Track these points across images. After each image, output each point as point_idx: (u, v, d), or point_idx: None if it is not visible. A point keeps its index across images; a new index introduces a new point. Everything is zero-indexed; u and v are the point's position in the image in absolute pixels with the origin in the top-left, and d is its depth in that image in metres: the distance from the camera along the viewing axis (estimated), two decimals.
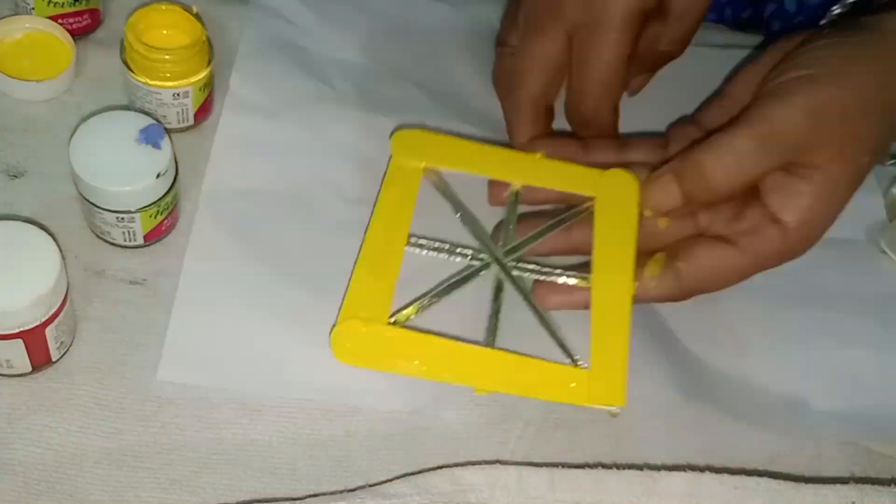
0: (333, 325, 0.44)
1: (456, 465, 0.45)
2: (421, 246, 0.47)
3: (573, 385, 0.44)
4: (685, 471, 0.45)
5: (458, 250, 0.47)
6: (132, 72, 0.50)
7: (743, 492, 0.45)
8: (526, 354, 0.45)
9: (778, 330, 0.52)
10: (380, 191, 0.48)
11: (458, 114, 0.57)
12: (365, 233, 0.47)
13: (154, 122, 0.46)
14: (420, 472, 0.44)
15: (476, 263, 0.47)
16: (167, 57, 0.49)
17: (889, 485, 0.46)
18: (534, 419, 0.47)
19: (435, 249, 0.47)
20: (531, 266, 0.48)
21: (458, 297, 0.47)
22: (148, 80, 0.50)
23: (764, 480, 0.45)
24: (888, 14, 0.46)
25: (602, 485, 0.44)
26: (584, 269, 0.48)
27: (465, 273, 0.47)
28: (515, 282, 0.47)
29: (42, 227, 0.42)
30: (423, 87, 0.58)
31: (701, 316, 0.52)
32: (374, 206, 0.47)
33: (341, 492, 0.44)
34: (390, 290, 0.45)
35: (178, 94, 0.51)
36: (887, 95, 0.45)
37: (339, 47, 0.58)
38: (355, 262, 0.46)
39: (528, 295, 0.47)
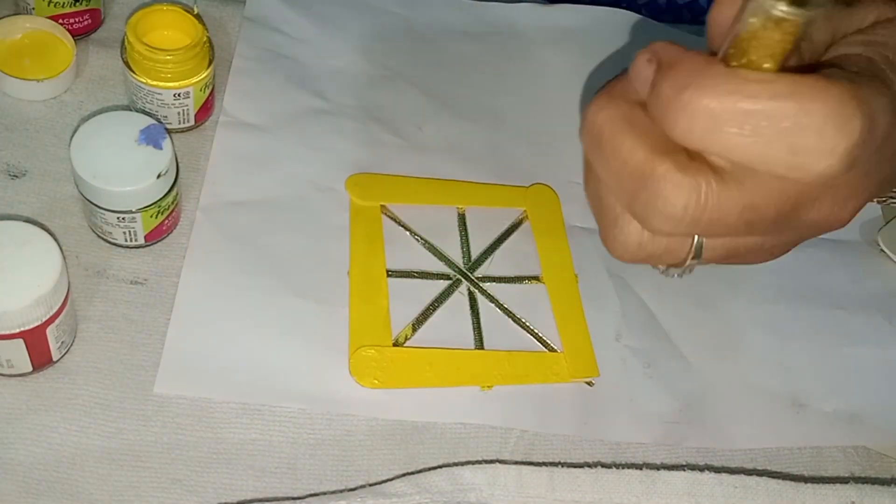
0: (349, 358, 0.48)
1: (456, 464, 0.45)
2: (398, 275, 0.51)
3: (555, 368, 0.49)
4: (685, 470, 0.45)
5: (430, 274, 0.52)
6: (133, 72, 0.50)
7: (743, 491, 0.45)
8: (511, 350, 0.50)
9: (778, 329, 0.53)
10: (350, 231, 0.52)
11: (455, 114, 0.58)
12: (348, 272, 0.50)
13: (155, 122, 0.47)
14: (420, 471, 0.44)
15: (447, 282, 0.52)
16: (168, 57, 0.49)
17: (889, 485, 0.46)
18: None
19: (411, 277, 0.51)
20: (494, 276, 0.53)
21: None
22: (149, 81, 0.50)
23: (764, 480, 0.45)
24: None
25: (602, 484, 0.44)
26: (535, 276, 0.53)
27: (443, 291, 0.51)
28: (485, 292, 0.52)
29: (43, 227, 0.42)
30: (420, 87, 0.58)
31: (701, 317, 0.52)
32: (349, 245, 0.51)
33: (341, 491, 0.44)
34: (386, 316, 0.49)
35: (178, 95, 0.51)
36: None
37: (334, 54, 0.58)
38: (349, 301, 0.49)
39: (498, 301, 0.51)
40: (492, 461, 0.45)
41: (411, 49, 0.60)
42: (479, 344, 0.50)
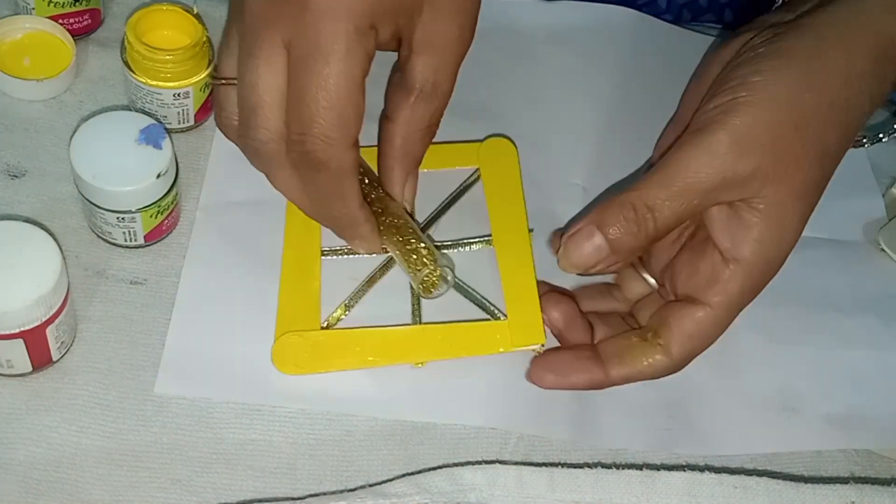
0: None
1: (456, 464, 0.45)
2: (333, 253, 0.49)
3: (498, 336, 0.47)
4: (684, 470, 0.45)
5: None
6: (133, 72, 0.50)
7: (743, 491, 0.45)
8: (452, 322, 0.48)
9: (773, 332, 0.52)
10: (286, 212, 0.50)
11: (453, 112, 0.57)
12: (281, 255, 0.49)
13: (154, 122, 0.46)
14: (420, 471, 0.44)
15: (386, 255, 0.50)
16: (168, 57, 0.49)
17: (889, 485, 0.46)
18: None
19: (347, 253, 0.50)
20: (438, 243, 0.51)
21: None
22: (148, 81, 0.50)
23: (764, 480, 0.45)
24: (827, 7, 0.44)
25: (601, 485, 0.44)
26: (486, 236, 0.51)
27: (381, 266, 0.50)
28: None
29: (43, 227, 0.42)
30: None
31: None
32: (284, 227, 0.50)
33: (341, 491, 0.44)
34: (316, 299, 0.48)
35: (178, 95, 0.51)
36: (824, 97, 0.43)
37: None
38: (280, 283, 0.48)
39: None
40: (492, 462, 0.45)
41: None
42: (418, 319, 0.48)
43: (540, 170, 0.55)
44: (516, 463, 0.45)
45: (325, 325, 0.48)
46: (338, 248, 0.50)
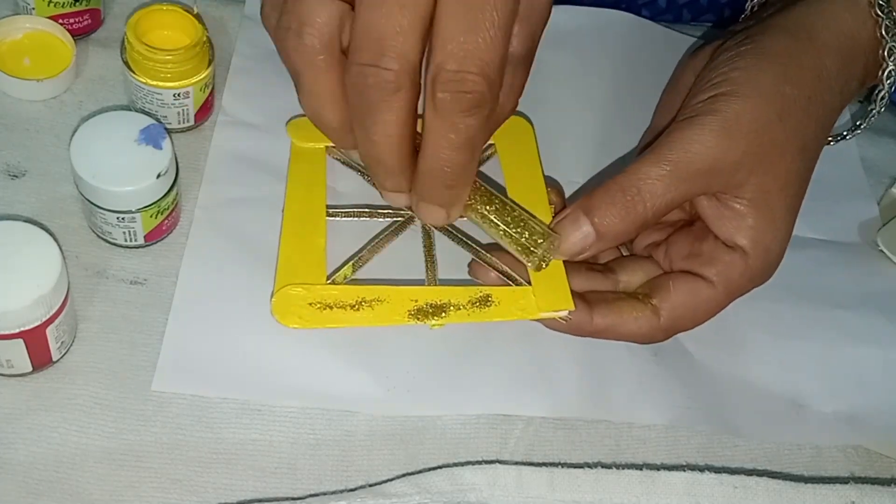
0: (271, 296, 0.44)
1: (456, 464, 0.45)
2: (341, 214, 0.47)
3: (522, 301, 0.45)
4: (684, 470, 0.45)
5: (379, 211, 0.48)
6: (133, 72, 0.50)
7: (743, 491, 0.45)
8: (469, 284, 0.46)
9: (778, 329, 0.52)
10: (287, 172, 0.49)
11: None
12: (282, 211, 0.47)
13: (154, 122, 0.47)
14: (420, 471, 0.44)
15: (398, 220, 0.48)
16: (168, 57, 0.49)
17: (889, 485, 0.46)
18: (533, 419, 0.47)
19: (355, 215, 0.47)
20: None
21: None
22: (149, 81, 0.50)
23: (764, 480, 0.45)
24: (793, 9, 0.46)
25: (602, 485, 0.44)
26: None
27: (392, 228, 0.48)
28: (442, 227, 0.47)
29: (43, 227, 0.42)
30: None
31: None
32: (286, 187, 0.47)
33: (341, 491, 0.44)
34: (322, 255, 0.45)
35: (178, 95, 0.51)
36: (803, 91, 0.44)
37: None
38: (279, 238, 0.45)
39: (457, 235, 0.47)
40: (492, 461, 0.45)
41: None
42: (433, 279, 0.46)
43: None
44: (516, 463, 0.45)
45: (330, 281, 0.45)
46: (345, 208, 0.48)
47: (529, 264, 0.45)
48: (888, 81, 0.47)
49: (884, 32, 0.46)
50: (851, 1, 0.46)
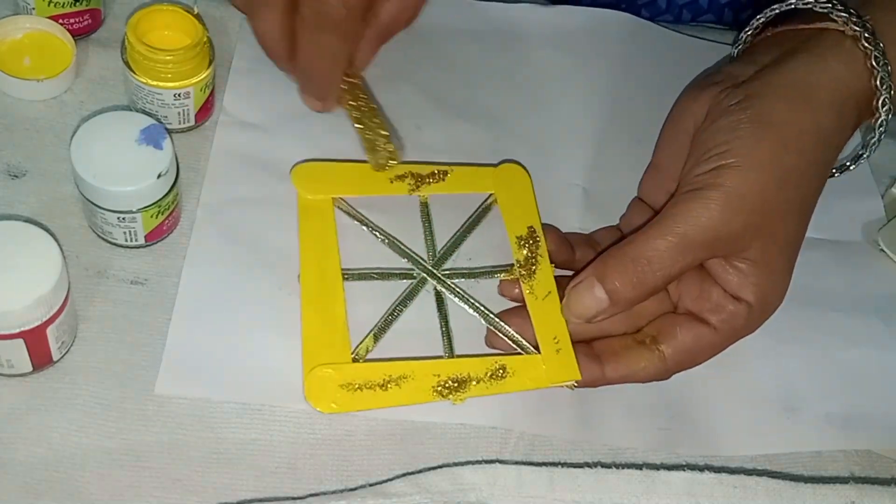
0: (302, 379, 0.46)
1: (456, 464, 0.45)
2: (356, 277, 0.49)
3: (533, 373, 0.47)
4: (684, 470, 0.45)
5: (391, 273, 0.50)
6: (133, 72, 0.50)
7: (742, 491, 0.45)
8: (484, 355, 0.48)
9: (773, 333, 0.52)
10: (298, 229, 0.50)
11: (453, 114, 0.58)
12: (298, 276, 0.48)
13: (155, 122, 0.47)
14: (420, 471, 0.44)
15: (411, 281, 0.50)
16: (168, 57, 0.49)
17: (889, 485, 0.46)
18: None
19: (370, 278, 0.49)
20: (463, 271, 0.51)
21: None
22: (149, 81, 0.50)
23: (764, 480, 0.45)
24: (789, 65, 0.47)
25: (601, 484, 0.44)
26: (508, 266, 0.51)
27: (407, 292, 0.49)
28: (452, 289, 0.50)
29: (43, 227, 0.42)
30: (419, 87, 0.58)
31: None
32: (298, 245, 0.49)
33: (342, 491, 0.44)
34: (344, 327, 0.47)
35: (179, 95, 0.51)
36: (803, 157, 0.46)
37: None
38: (301, 311, 0.47)
39: (468, 298, 0.50)
40: (492, 461, 0.45)
41: (411, 49, 0.60)
42: (449, 350, 0.48)
43: (541, 170, 0.55)
44: (516, 462, 0.45)
45: (354, 356, 0.47)
46: (359, 270, 0.49)
47: (372, 162, 0.52)
48: (879, 129, 0.49)
49: (878, 84, 0.47)
50: (847, 53, 0.47)
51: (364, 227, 0.51)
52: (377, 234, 0.51)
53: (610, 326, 0.49)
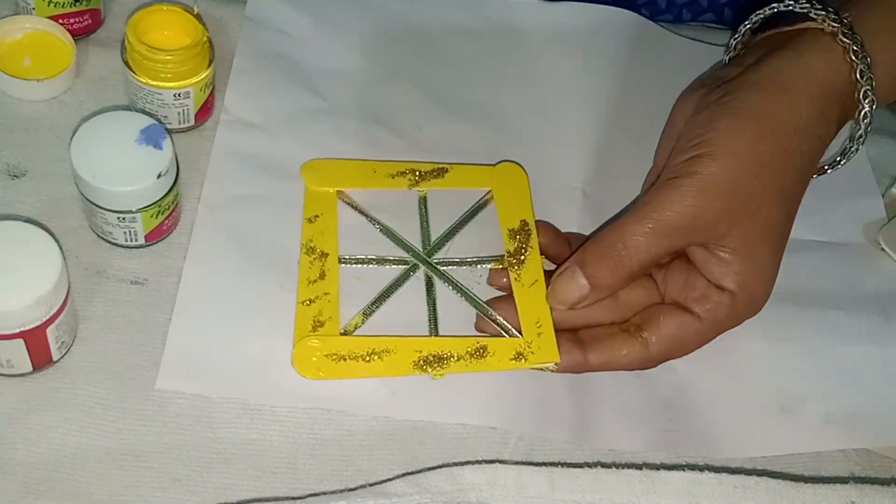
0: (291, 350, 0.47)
1: (456, 464, 0.45)
2: (352, 262, 0.50)
3: (514, 353, 0.48)
4: (684, 470, 0.45)
5: (386, 258, 0.51)
6: (133, 72, 0.50)
7: (742, 491, 0.45)
8: (467, 335, 0.49)
9: (773, 332, 0.52)
10: (302, 215, 0.51)
11: (454, 114, 0.58)
12: (298, 260, 0.50)
13: (155, 122, 0.47)
14: (420, 471, 0.44)
15: (404, 267, 0.51)
16: (168, 57, 0.49)
17: (889, 485, 0.46)
18: None
19: (365, 263, 0.51)
20: (454, 259, 0.52)
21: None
22: (149, 81, 0.50)
23: (764, 480, 0.45)
24: (768, 62, 0.48)
25: (601, 484, 0.44)
26: (499, 256, 0.52)
27: (399, 277, 0.51)
28: (443, 275, 0.51)
29: (43, 227, 0.42)
30: (420, 87, 0.58)
31: None
32: (301, 231, 0.51)
33: (342, 491, 0.44)
34: (335, 305, 0.48)
35: (178, 95, 0.51)
36: (779, 145, 0.47)
37: (335, 54, 0.58)
38: (298, 288, 0.49)
39: (456, 284, 0.51)
40: (492, 461, 0.45)
41: (412, 48, 0.60)
42: (434, 330, 0.49)
43: (540, 171, 0.55)
44: (516, 463, 0.45)
45: (343, 331, 0.48)
46: (356, 256, 0.51)
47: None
48: (864, 122, 0.49)
49: (858, 76, 0.48)
50: (825, 48, 0.48)
51: (364, 218, 0.52)
52: (376, 224, 0.52)
53: (598, 316, 0.49)
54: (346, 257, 0.50)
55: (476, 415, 0.47)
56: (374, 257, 0.51)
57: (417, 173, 0.54)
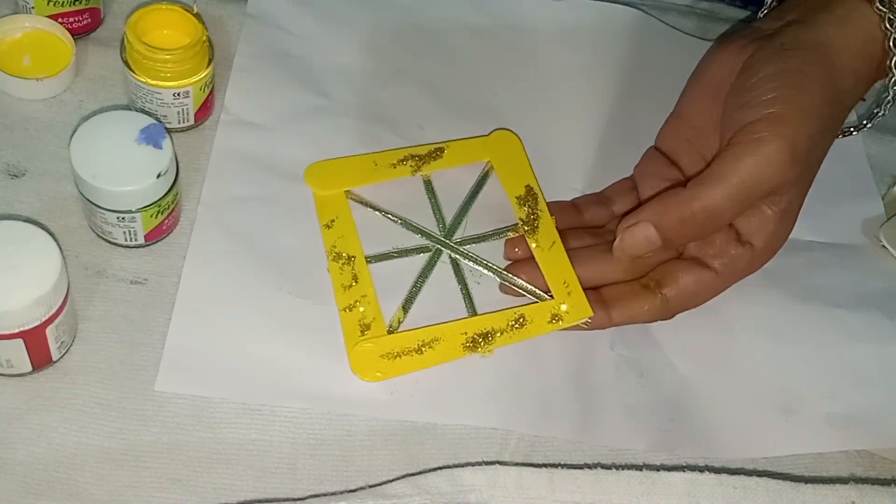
0: (347, 356, 0.48)
1: (456, 465, 0.45)
2: (378, 259, 0.51)
3: (549, 316, 0.50)
4: (684, 471, 0.45)
5: (408, 250, 0.52)
6: (133, 71, 0.50)
7: (742, 492, 0.45)
8: (504, 308, 0.50)
9: (774, 331, 0.52)
10: (319, 224, 0.52)
11: (456, 112, 0.57)
12: (327, 269, 0.50)
13: (154, 121, 0.46)
14: (420, 472, 0.44)
15: (428, 254, 0.52)
16: (168, 57, 0.49)
17: (889, 485, 0.46)
18: None
19: (390, 258, 0.52)
20: (474, 237, 0.53)
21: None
22: (148, 80, 0.50)
23: (764, 480, 0.45)
24: (820, 25, 0.49)
25: (601, 485, 0.44)
26: (513, 225, 0.53)
27: (426, 265, 0.52)
28: (466, 255, 0.52)
29: (43, 227, 0.42)
30: (422, 85, 0.58)
31: (695, 322, 0.52)
32: (322, 239, 0.51)
33: (342, 492, 0.44)
34: (376, 305, 0.49)
35: (178, 94, 0.51)
36: (834, 113, 0.48)
37: (337, 52, 0.58)
38: (334, 297, 0.49)
39: (481, 261, 0.52)
40: (492, 462, 0.45)
41: (414, 46, 0.60)
42: (472, 310, 0.50)
43: (540, 172, 0.55)
44: (516, 463, 0.45)
45: (389, 328, 0.49)
46: (380, 253, 0.51)
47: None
48: (894, 89, 0.51)
49: (892, 45, 0.49)
50: (863, 16, 0.49)
51: (378, 213, 0.53)
52: (390, 217, 0.53)
53: (616, 275, 0.51)
54: (371, 257, 0.51)
55: (476, 415, 0.47)
56: (396, 250, 0.52)
57: (417, 158, 0.54)
